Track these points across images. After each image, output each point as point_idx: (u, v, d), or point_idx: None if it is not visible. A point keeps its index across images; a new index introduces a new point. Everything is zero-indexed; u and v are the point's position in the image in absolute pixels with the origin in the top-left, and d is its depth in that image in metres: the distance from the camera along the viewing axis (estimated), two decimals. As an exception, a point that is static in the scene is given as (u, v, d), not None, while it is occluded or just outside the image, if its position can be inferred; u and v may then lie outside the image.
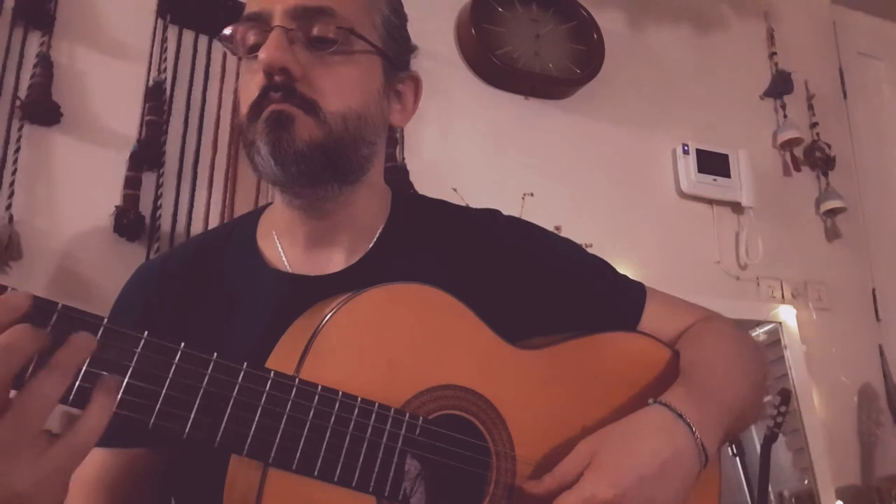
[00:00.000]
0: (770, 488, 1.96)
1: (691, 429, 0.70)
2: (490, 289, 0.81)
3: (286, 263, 0.81)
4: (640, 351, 0.84)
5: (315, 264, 0.81)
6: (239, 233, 0.87)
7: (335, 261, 0.81)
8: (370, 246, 0.82)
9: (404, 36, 0.83)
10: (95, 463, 0.76)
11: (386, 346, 0.67)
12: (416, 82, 0.85)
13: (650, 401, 0.73)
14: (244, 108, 0.74)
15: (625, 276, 0.94)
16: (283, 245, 0.82)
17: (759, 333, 2.29)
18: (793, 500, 2.18)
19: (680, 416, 0.70)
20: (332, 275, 0.79)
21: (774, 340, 2.30)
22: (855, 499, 2.20)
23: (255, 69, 0.73)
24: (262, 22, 0.73)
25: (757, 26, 2.70)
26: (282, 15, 0.72)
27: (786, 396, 2.00)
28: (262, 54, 0.70)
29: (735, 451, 2.06)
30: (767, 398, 2.16)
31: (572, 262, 0.91)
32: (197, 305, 0.79)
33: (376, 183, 0.84)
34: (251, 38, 0.75)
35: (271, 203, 0.88)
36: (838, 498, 2.15)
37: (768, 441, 1.96)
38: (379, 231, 0.84)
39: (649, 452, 0.68)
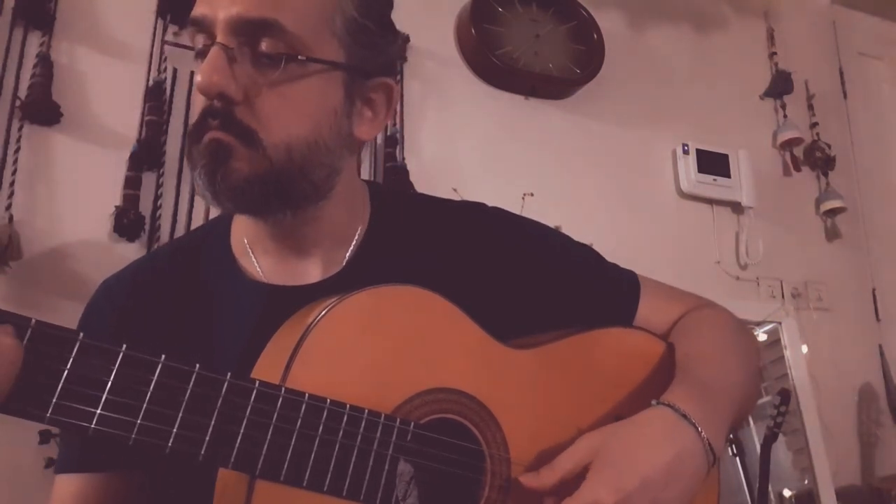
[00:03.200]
0: (770, 488, 1.95)
1: (697, 429, 0.69)
2: (481, 285, 0.79)
3: (261, 273, 0.77)
4: (635, 346, 0.83)
5: (291, 275, 0.77)
6: (213, 238, 0.82)
7: (312, 272, 0.77)
8: (348, 254, 0.79)
9: (377, 38, 0.74)
10: (70, 491, 0.74)
11: (375, 350, 0.65)
12: (389, 91, 0.77)
13: (653, 402, 0.72)
14: (190, 125, 0.69)
15: (615, 266, 0.91)
16: (255, 254, 0.78)
17: (759, 333, 2.29)
18: (793, 500, 2.18)
19: (684, 416, 0.69)
20: (312, 285, 0.76)
21: (774, 340, 2.30)
22: (855, 499, 2.20)
23: None
24: (205, 28, 0.67)
25: (757, 26, 2.70)
26: (224, 27, 0.66)
27: (786, 396, 1.99)
28: (197, 77, 0.65)
29: (735, 451, 2.06)
30: (767, 398, 2.17)
31: (565, 255, 0.89)
32: (174, 316, 0.75)
33: (345, 192, 0.78)
34: (199, 43, 0.69)
35: None
36: (838, 498, 2.15)
37: (768, 441, 1.96)
38: (358, 236, 0.80)
39: (653, 455, 0.66)
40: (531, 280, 0.84)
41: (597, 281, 0.88)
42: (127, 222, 1.56)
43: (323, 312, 0.64)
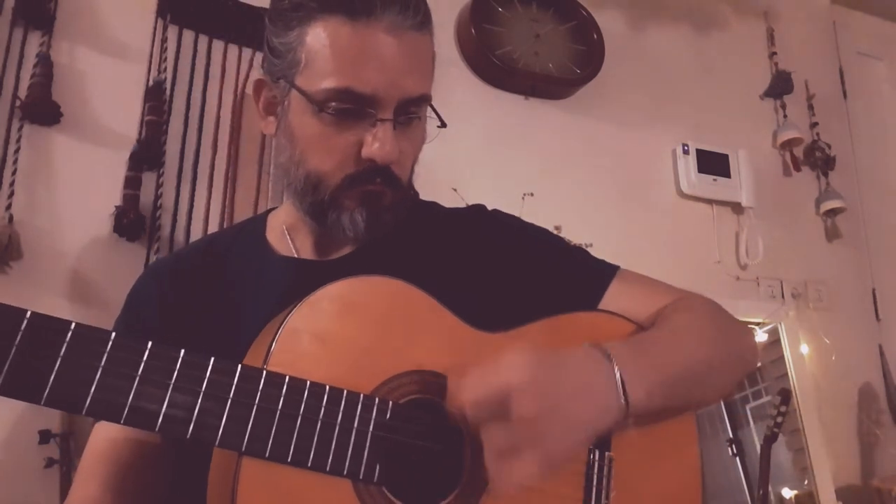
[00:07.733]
0: (770, 488, 1.96)
1: (612, 362, 0.69)
2: (472, 280, 0.84)
3: (294, 251, 0.85)
4: (607, 328, 0.84)
5: (322, 255, 0.85)
6: (248, 230, 0.91)
7: (343, 253, 0.85)
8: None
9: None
10: (106, 436, 0.79)
11: (352, 336, 0.68)
12: None
13: (584, 345, 0.72)
14: (326, 166, 0.77)
15: (599, 259, 0.93)
16: (293, 238, 0.86)
17: (759, 333, 2.29)
18: (793, 500, 2.18)
19: (607, 355, 0.69)
20: (337, 259, 0.84)
21: (774, 340, 2.30)
22: (855, 499, 2.20)
23: (348, 134, 0.76)
24: (367, 102, 0.75)
25: (757, 26, 2.70)
26: (394, 106, 0.75)
27: (786, 396, 2.00)
28: (377, 149, 0.75)
29: (735, 450, 2.06)
30: (767, 398, 2.17)
31: (541, 245, 0.92)
32: (208, 297, 0.83)
33: None
34: (351, 109, 0.75)
35: (275, 207, 0.93)
36: (838, 498, 2.15)
37: (768, 441, 1.97)
38: None
39: (561, 361, 0.67)
40: (512, 271, 0.88)
41: (570, 267, 0.90)
42: (127, 222, 1.56)
43: (298, 303, 0.67)
